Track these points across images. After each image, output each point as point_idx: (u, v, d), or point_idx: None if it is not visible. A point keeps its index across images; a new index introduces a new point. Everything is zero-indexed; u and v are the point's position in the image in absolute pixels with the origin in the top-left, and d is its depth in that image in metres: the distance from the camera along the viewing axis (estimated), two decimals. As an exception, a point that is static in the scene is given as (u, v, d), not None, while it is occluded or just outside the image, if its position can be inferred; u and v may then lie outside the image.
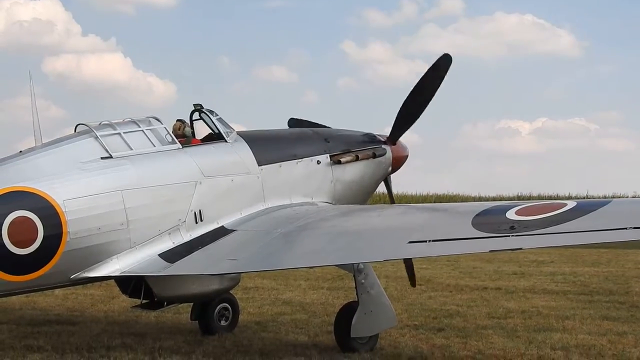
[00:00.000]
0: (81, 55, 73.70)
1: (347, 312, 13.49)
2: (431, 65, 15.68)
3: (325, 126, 16.69)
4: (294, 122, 17.15)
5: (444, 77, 15.63)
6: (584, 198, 49.16)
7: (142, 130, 13.39)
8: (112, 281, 13.68)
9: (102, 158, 12.78)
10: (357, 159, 15.67)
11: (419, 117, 16.08)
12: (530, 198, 56.16)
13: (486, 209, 11.92)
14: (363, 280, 13.33)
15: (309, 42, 79.24)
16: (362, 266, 13.29)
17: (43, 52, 74.45)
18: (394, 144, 16.54)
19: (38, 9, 71.47)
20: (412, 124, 16.37)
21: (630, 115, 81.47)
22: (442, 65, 15.57)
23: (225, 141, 14.18)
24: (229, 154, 14.07)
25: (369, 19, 77.04)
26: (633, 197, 51.26)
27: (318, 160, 15.10)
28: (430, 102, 15.82)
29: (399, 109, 16.01)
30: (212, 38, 78.76)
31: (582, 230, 10.57)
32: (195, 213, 13.18)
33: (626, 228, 10.25)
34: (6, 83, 74.05)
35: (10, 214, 11.51)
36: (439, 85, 15.66)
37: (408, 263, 15.55)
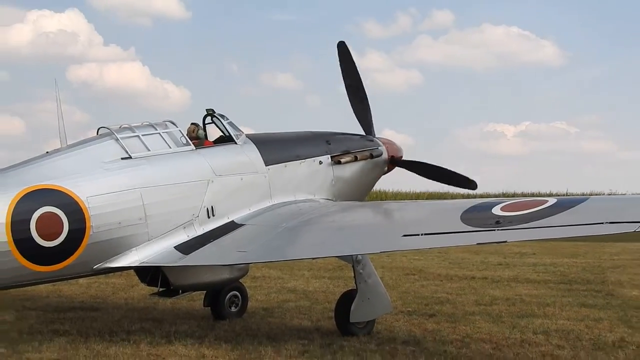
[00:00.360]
0: (103, 64, 73.59)
1: (346, 300, 13.47)
2: (465, 178, 17.01)
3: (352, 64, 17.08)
4: (342, 44, 17.15)
5: (455, 186, 17.40)
6: (564, 195, 49.11)
7: (159, 133, 13.43)
8: (132, 271, 13.67)
9: (122, 158, 12.83)
10: (355, 159, 15.75)
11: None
12: (514, 195, 56.07)
13: (474, 205, 11.93)
14: (361, 270, 13.32)
15: (311, 51, 79.07)
16: (360, 257, 13.28)
17: (68, 61, 74.24)
18: (393, 164, 16.85)
19: (63, 21, 71.22)
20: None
21: (608, 119, 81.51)
22: (469, 185, 17.03)
23: (235, 143, 14.21)
24: (239, 154, 14.10)
25: (367, 30, 76.79)
26: (609, 194, 51.25)
27: (320, 161, 15.15)
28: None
29: (427, 165, 17.06)
30: (222, 47, 78.65)
31: (561, 225, 10.60)
32: (207, 209, 13.21)
33: (602, 223, 10.31)
34: (34, 89, 74.62)
35: (38, 210, 11.53)
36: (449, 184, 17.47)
37: None
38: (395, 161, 16.91)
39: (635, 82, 79.41)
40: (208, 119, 14.57)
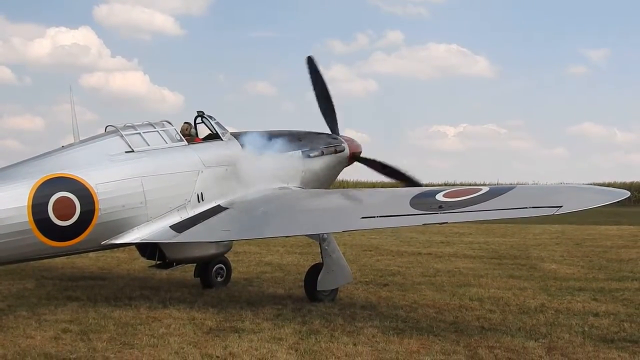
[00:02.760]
0: (110, 72, 73.51)
1: (314, 271, 13.45)
2: (410, 177, 16.60)
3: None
4: (310, 59, 16.71)
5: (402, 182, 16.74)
6: (495, 185, 49.45)
7: (157, 131, 13.36)
8: (134, 246, 13.60)
9: (126, 152, 12.76)
10: (322, 154, 15.71)
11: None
12: (454, 184, 56.41)
13: (421, 192, 11.93)
14: (326, 247, 13.30)
15: (286, 64, 79.10)
16: (326, 236, 13.26)
17: (80, 70, 74.14)
18: (353, 159, 16.77)
19: (77, 36, 71.32)
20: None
21: (531, 122, 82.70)
22: (414, 184, 16.36)
23: (222, 140, 14.13)
24: (224, 149, 14.01)
25: (332, 47, 76.72)
26: (532, 184, 51.68)
27: (292, 155, 15.09)
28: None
29: (379, 163, 16.94)
30: (211, 60, 78.75)
31: (493, 209, 10.62)
32: (197, 195, 13.16)
33: (527, 207, 10.38)
34: (52, 93, 75.64)
35: (55, 194, 11.47)
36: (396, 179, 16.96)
37: None
38: (355, 156, 16.89)
39: (552, 92, 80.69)
40: (199, 119, 14.46)
